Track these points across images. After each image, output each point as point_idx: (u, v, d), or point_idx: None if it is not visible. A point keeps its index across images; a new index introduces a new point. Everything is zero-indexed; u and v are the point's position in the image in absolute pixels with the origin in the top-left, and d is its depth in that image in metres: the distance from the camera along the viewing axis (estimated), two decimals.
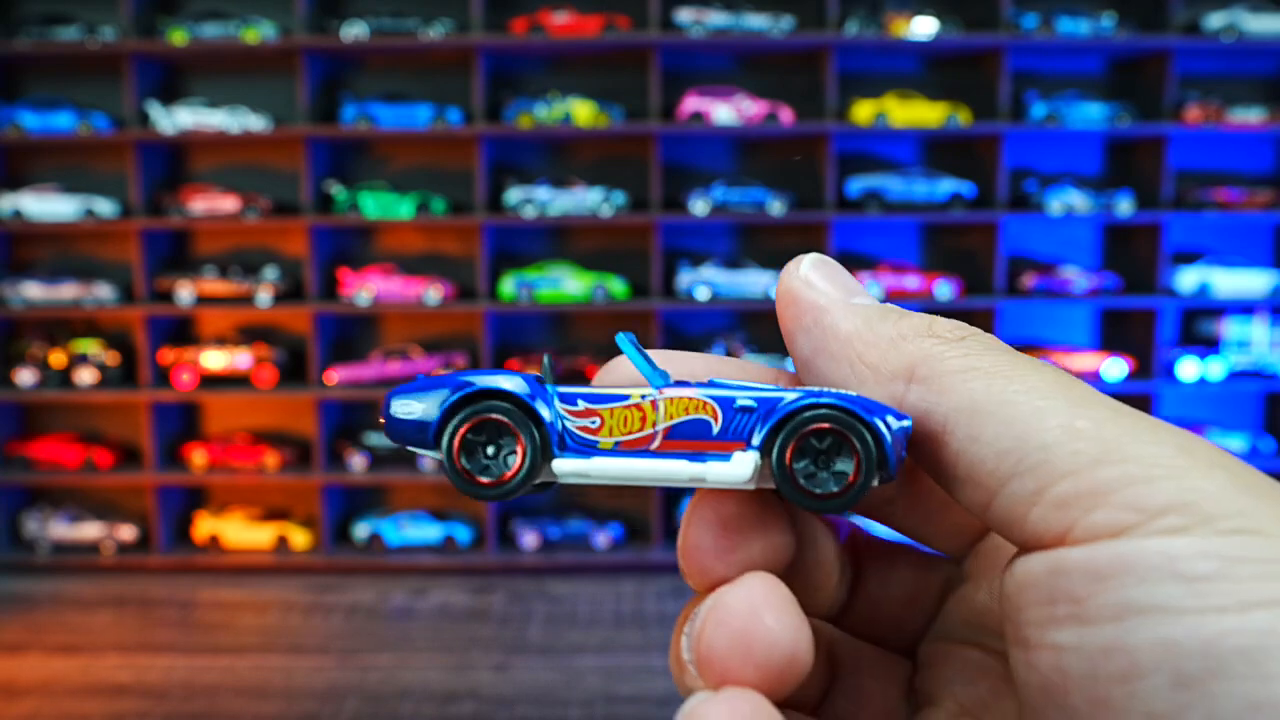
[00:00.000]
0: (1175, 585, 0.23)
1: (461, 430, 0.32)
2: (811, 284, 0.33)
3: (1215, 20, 3.34)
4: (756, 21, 3.40)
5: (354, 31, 3.39)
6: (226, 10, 3.49)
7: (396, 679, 2.68)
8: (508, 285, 3.46)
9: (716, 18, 3.39)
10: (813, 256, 0.34)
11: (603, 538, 3.52)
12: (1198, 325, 3.64)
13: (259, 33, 3.39)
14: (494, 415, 0.32)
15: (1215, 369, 3.47)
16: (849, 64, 3.53)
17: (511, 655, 2.88)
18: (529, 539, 3.53)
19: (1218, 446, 0.26)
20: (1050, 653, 0.25)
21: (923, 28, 3.37)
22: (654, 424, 0.31)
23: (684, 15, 3.39)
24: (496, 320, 3.60)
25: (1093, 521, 0.24)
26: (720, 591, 0.29)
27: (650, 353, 0.34)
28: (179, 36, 3.37)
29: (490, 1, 3.44)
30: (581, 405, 0.32)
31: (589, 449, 0.32)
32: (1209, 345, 3.59)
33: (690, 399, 0.31)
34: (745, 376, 0.35)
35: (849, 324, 0.32)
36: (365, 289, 3.46)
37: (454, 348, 3.67)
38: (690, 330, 3.67)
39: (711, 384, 0.33)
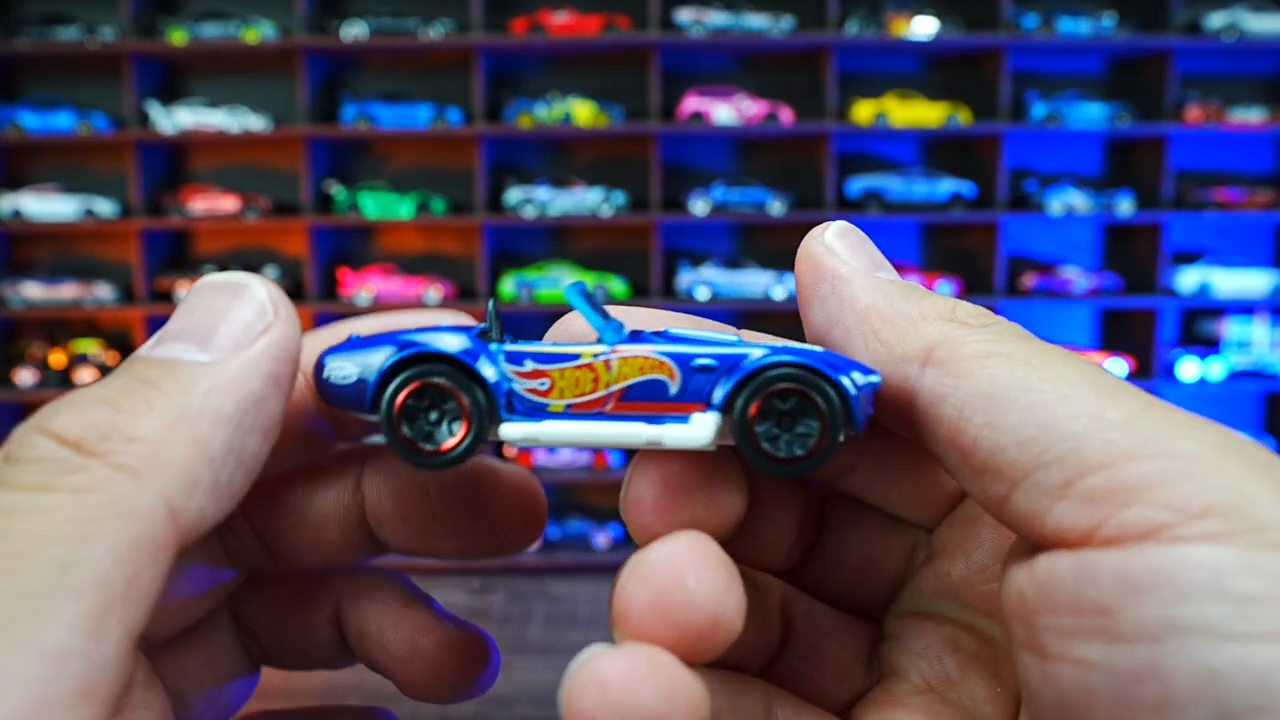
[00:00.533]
0: (1222, 605, 0.21)
1: (401, 396, 0.29)
2: (834, 251, 0.32)
3: (1216, 20, 3.34)
4: (756, 21, 3.40)
5: (354, 31, 3.39)
6: (226, 10, 3.49)
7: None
8: (508, 285, 3.46)
9: (716, 18, 3.39)
10: (839, 224, 0.33)
11: (603, 538, 3.52)
12: (1198, 325, 3.64)
13: (259, 33, 3.39)
14: (435, 380, 0.29)
15: (1215, 369, 3.47)
16: (849, 64, 3.53)
17: (511, 655, 2.88)
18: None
19: (1260, 445, 0.23)
20: (1073, 667, 0.23)
21: (923, 28, 3.37)
22: (607, 384, 0.29)
23: (684, 15, 3.39)
24: None
25: (1125, 519, 0.22)
26: (646, 549, 0.27)
27: (607, 308, 0.32)
28: (179, 36, 3.37)
29: (490, 1, 3.44)
30: (529, 366, 0.30)
31: (538, 412, 0.30)
32: (1209, 345, 3.59)
33: (646, 359, 0.29)
34: (702, 330, 0.33)
35: (868, 297, 0.31)
36: (365, 289, 3.46)
37: None
38: None
39: (667, 336, 0.31)
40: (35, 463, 0.23)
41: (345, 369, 0.30)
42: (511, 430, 0.29)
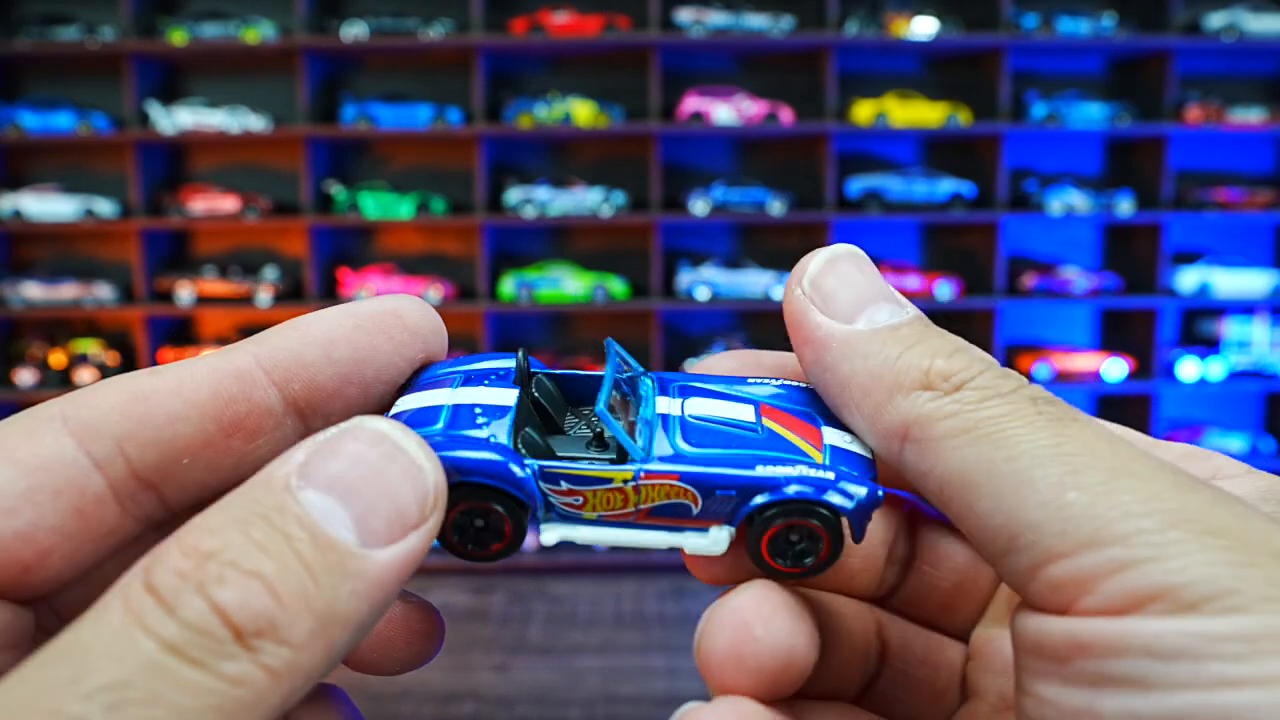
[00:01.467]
0: (1149, 662, 0.23)
1: (451, 515, 0.31)
2: (814, 300, 0.32)
3: (1215, 20, 3.34)
4: (756, 21, 3.40)
5: (354, 31, 3.39)
6: (226, 10, 3.49)
7: (396, 679, 2.67)
8: (508, 285, 3.46)
9: (716, 18, 3.39)
10: (821, 258, 0.32)
11: None
12: (1198, 325, 3.64)
13: (259, 33, 3.39)
14: (480, 504, 0.31)
15: (1215, 369, 3.47)
16: (849, 64, 3.53)
17: (512, 655, 2.88)
18: (529, 539, 3.53)
19: (1221, 492, 0.26)
20: (1034, 702, 0.26)
21: (923, 28, 3.37)
22: (636, 504, 0.32)
23: (684, 15, 3.38)
24: (496, 320, 3.60)
25: (1085, 605, 0.25)
26: (716, 604, 0.30)
27: (632, 363, 0.35)
28: (179, 36, 3.37)
29: (490, 1, 3.44)
30: (564, 486, 0.32)
31: (574, 519, 0.32)
32: (1209, 345, 3.58)
33: (672, 486, 0.31)
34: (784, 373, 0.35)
35: (847, 366, 0.30)
36: (365, 289, 3.46)
37: (454, 348, 3.66)
38: (690, 330, 3.67)
39: (688, 391, 0.34)
40: (198, 634, 0.22)
41: None
42: (550, 535, 0.33)
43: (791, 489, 0.31)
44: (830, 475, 0.31)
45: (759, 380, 0.35)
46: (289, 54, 3.42)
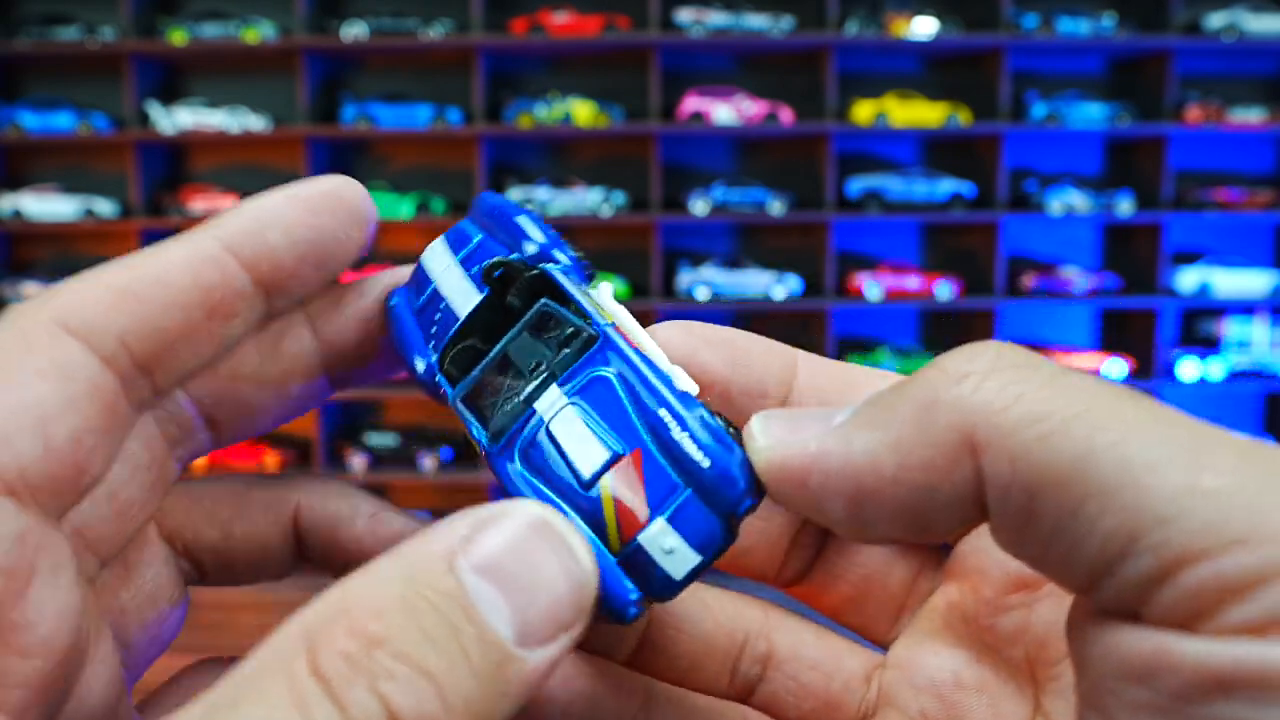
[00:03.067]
0: None
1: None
2: (779, 442, 0.26)
3: (1216, 20, 3.34)
4: (756, 21, 3.40)
5: (354, 31, 3.39)
6: (226, 10, 3.49)
7: None
8: None
9: (716, 18, 3.39)
10: (756, 421, 0.26)
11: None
12: (1198, 325, 3.64)
13: (259, 33, 3.39)
14: None
15: (1215, 369, 3.47)
16: (849, 64, 3.53)
17: None
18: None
19: None
20: None
21: (923, 28, 3.37)
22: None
23: (684, 15, 3.38)
24: None
25: (1228, 619, 0.19)
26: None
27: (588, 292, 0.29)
28: (179, 36, 3.37)
29: (490, 1, 3.44)
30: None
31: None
32: (1209, 345, 3.58)
33: None
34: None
35: (861, 441, 0.24)
36: None
37: None
38: None
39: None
40: None
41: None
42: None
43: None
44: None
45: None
46: (289, 54, 3.42)
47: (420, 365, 0.29)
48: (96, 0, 3.50)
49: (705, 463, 0.25)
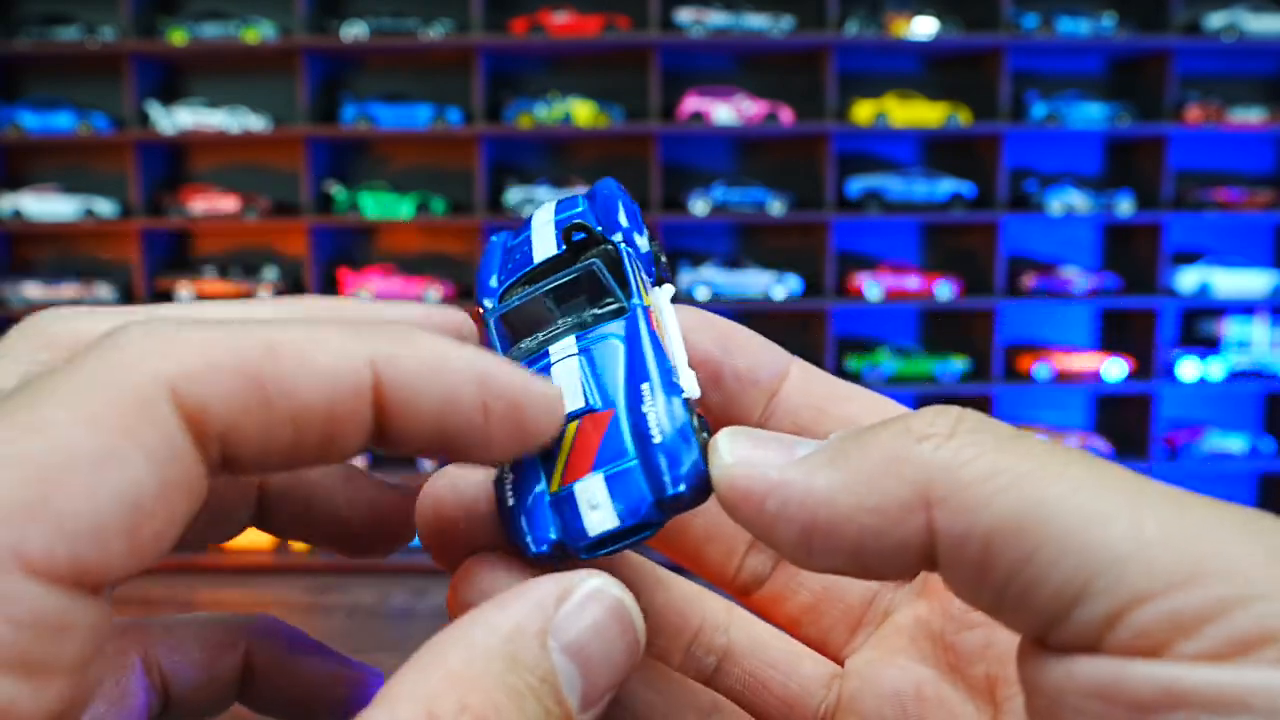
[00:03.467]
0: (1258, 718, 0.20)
1: None
2: (743, 461, 0.25)
3: (1216, 20, 3.34)
4: (756, 21, 3.40)
5: (354, 31, 3.39)
6: (226, 10, 3.49)
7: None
8: None
9: (716, 18, 3.39)
10: (722, 436, 0.26)
11: None
12: (1198, 325, 3.64)
13: (259, 33, 3.39)
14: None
15: (1215, 369, 3.47)
16: (849, 64, 3.53)
17: None
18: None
19: None
20: None
21: (923, 28, 3.37)
22: None
23: (684, 15, 3.39)
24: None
25: (1182, 650, 0.21)
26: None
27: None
28: (179, 36, 3.37)
29: (490, 1, 3.44)
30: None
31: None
32: (1209, 345, 3.58)
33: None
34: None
35: (823, 478, 0.24)
36: (365, 289, 3.46)
37: None
38: None
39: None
40: None
41: None
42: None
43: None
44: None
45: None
46: (289, 54, 3.42)
47: (494, 282, 0.32)
48: (96, 0, 3.50)
49: (657, 439, 0.26)
